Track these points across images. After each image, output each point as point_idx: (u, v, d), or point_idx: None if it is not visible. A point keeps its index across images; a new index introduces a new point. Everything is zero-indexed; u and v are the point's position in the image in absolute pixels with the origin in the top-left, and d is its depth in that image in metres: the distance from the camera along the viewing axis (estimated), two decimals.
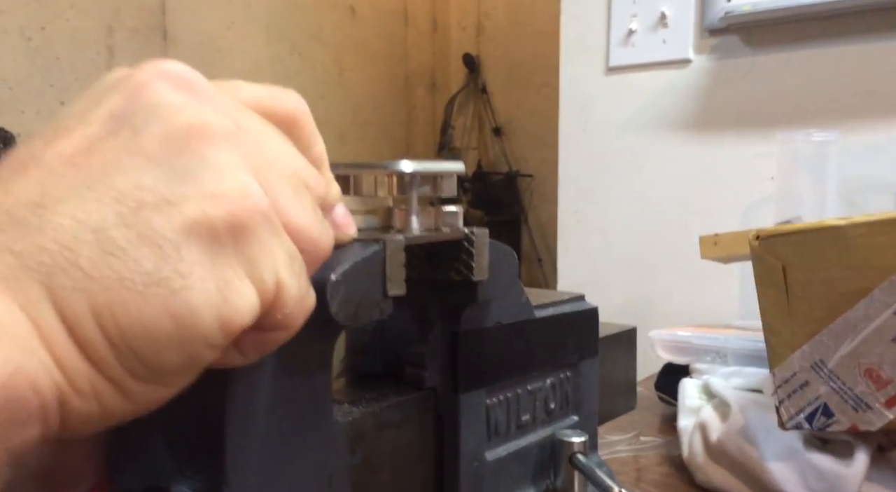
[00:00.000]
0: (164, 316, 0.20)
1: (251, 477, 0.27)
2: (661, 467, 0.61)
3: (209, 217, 0.20)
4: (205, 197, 0.20)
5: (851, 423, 0.44)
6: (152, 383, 0.21)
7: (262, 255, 0.21)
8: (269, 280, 0.22)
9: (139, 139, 0.21)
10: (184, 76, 0.22)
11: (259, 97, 0.25)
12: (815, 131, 0.91)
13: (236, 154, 0.22)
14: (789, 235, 0.43)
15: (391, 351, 0.38)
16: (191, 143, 0.21)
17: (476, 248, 0.33)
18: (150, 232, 0.20)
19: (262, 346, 0.24)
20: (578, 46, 1.23)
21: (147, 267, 0.19)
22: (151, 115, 0.21)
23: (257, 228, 0.21)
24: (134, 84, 0.22)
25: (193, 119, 0.21)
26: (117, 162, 0.20)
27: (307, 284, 0.24)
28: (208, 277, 0.20)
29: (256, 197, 0.21)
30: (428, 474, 0.36)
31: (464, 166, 0.33)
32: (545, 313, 0.41)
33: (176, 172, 0.21)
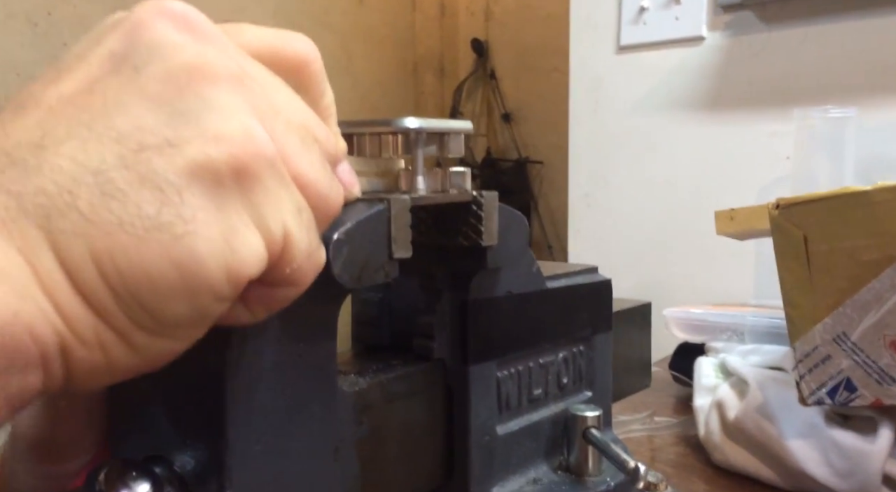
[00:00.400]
0: (167, 262, 0.19)
1: (254, 446, 0.26)
2: (676, 447, 0.59)
3: (212, 159, 0.19)
4: (207, 139, 0.20)
5: (875, 397, 0.43)
6: (160, 336, 0.20)
7: (269, 203, 0.20)
8: (277, 230, 0.21)
9: (140, 78, 0.20)
10: (186, 15, 0.21)
11: (266, 40, 0.24)
12: (833, 108, 0.88)
13: (240, 97, 0.21)
14: (811, 203, 0.42)
15: (398, 322, 0.37)
16: (193, 82, 0.20)
17: (485, 211, 0.32)
18: (151, 174, 0.19)
19: (271, 302, 0.23)
20: (589, 25, 1.21)
21: (148, 211, 0.19)
22: (152, 54, 0.20)
23: (263, 174, 0.20)
24: (134, 22, 0.21)
25: (195, 59, 0.20)
26: (118, 101, 0.20)
27: (317, 239, 0.23)
28: (213, 222, 0.19)
29: (262, 141, 0.20)
30: (437, 448, 0.35)
31: (471, 125, 0.32)
32: (557, 284, 0.40)
33: (178, 113, 0.20)
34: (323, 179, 0.23)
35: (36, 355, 0.18)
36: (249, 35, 0.24)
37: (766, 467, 0.51)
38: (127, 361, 0.20)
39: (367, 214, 0.27)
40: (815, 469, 0.47)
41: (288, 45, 0.24)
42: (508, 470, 0.37)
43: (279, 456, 0.27)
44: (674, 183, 1.14)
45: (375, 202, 0.28)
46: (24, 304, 0.18)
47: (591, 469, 0.39)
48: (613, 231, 1.22)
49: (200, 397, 0.26)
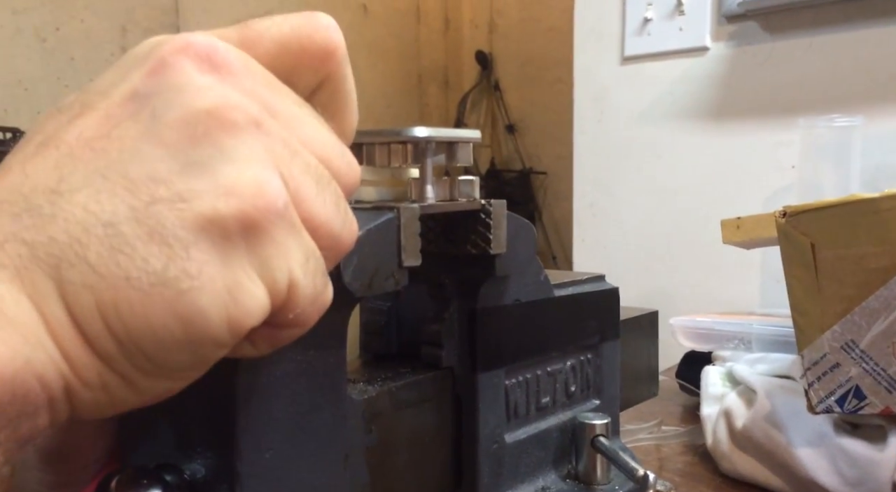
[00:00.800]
0: (171, 317, 0.19)
1: (264, 454, 0.26)
2: (684, 456, 0.59)
3: (221, 215, 0.20)
4: (218, 194, 0.20)
5: (885, 405, 0.43)
6: (161, 379, 0.21)
7: (276, 255, 0.21)
8: (282, 280, 0.21)
9: (158, 125, 0.20)
10: (211, 52, 0.21)
11: (288, 41, 0.24)
12: (838, 117, 0.89)
13: (258, 145, 0.21)
14: (818, 211, 0.42)
15: (407, 331, 0.37)
16: (210, 131, 0.20)
17: (493, 219, 0.32)
18: (160, 229, 0.19)
19: (275, 341, 0.23)
20: (593, 36, 1.22)
21: (155, 266, 0.19)
22: (173, 99, 0.20)
23: (271, 228, 0.20)
24: (158, 60, 0.21)
25: (216, 104, 0.20)
26: (134, 150, 0.20)
27: (323, 282, 0.23)
28: (218, 277, 0.20)
29: (273, 194, 0.20)
30: (446, 456, 0.35)
31: (479, 134, 0.32)
32: (565, 292, 0.40)
33: (192, 164, 0.20)
34: (335, 218, 0.23)
35: (44, 399, 0.19)
36: (269, 41, 0.23)
37: (775, 476, 0.50)
38: (128, 399, 0.21)
39: (377, 222, 0.28)
40: (824, 478, 0.47)
41: (308, 39, 0.24)
42: (517, 478, 0.37)
43: (289, 464, 0.27)
44: (678, 193, 1.14)
45: (385, 211, 0.28)
46: (35, 352, 0.19)
47: (599, 477, 0.39)
48: (618, 240, 1.22)
49: (211, 405, 0.26)
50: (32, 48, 1.62)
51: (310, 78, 0.24)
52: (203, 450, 0.26)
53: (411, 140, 0.30)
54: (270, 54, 0.23)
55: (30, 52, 1.61)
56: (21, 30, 1.60)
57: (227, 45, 0.22)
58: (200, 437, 0.26)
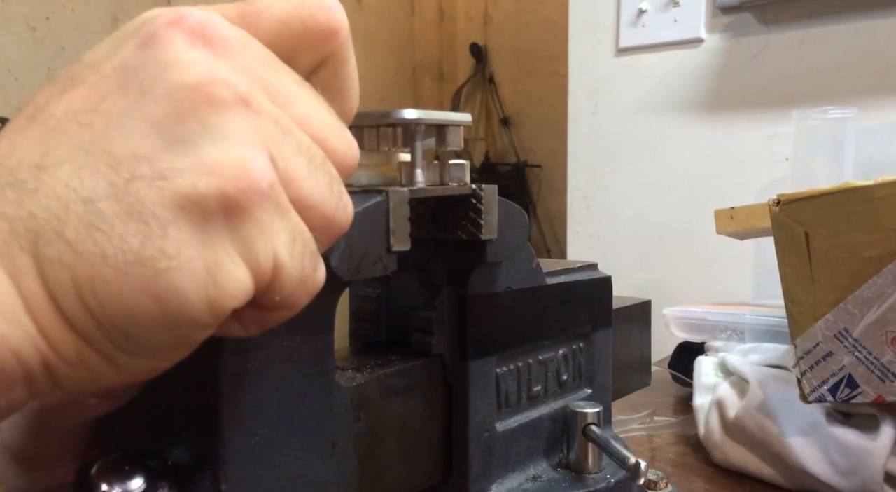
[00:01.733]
0: (147, 296, 0.19)
1: (249, 440, 0.25)
2: (676, 446, 0.59)
3: (201, 194, 0.19)
4: (199, 172, 0.19)
5: (877, 394, 0.43)
6: (143, 357, 0.20)
7: (259, 236, 0.20)
8: (265, 262, 0.20)
9: (144, 100, 0.20)
10: (204, 26, 0.21)
11: (290, 19, 0.23)
12: (832, 108, 0.88)
13: (245, 123, 0.20)
14: (812, 199, 0.42)
15: (397, 318, 0.37)
16: (197, 107, 0.20)
17: (485, 204, 0.32)
18: (138, 207, 0.19)
19: (263, 322, 0.23)
20: (587, 28, 1.21)
21: (132, 245, 0.19)
22: (161, 73, 0.20)
23: (254, 208, 0.20)
24: (148, 34, 0.20)
25: (203, 79, 0.20)
26: (119, 124, 0.19)
27: (313, 264, 0.22)
28: (196, 257, 0.19)
29: (257, 174, 0.20)
30: (436, 445, 0.35)
31: (470, 118, 0.31)
32: (557, 280, 0.40)
33: (176, 140, 0.19)
34: (329, 200, 0.22)
35: (20, 374, 0.19)
36: (270, 18, 0.23)
37: (767, 466, 0.50)
38: (110, 377, 0.21)
39: (365, 205, 0.27)
40: (816, 467, 0.47)
41: (311, 18, 0.23)
42: (508, 467, 0.37)
43: (275, 451, 0.26)
44: (673, 185, 1.14)
45: (373, 194, 0.28)
46: (11, 328, 0.18)
47: (590, 466, 0.39)
48: (612, 233, 1.21)
49: (195, 391, 0.25)
50: (22, 37, 1.60)
51: (311, 57, 0.24)
52: (187, 436, 0.25)
53: (401, 123, 0.30)
54: (271, 31, 0.23)
55: (20, 41, 1.60)
56: (11, 19, 1.59)
57: (223, 19, 0.21)
58: (184, 422, 0.26)
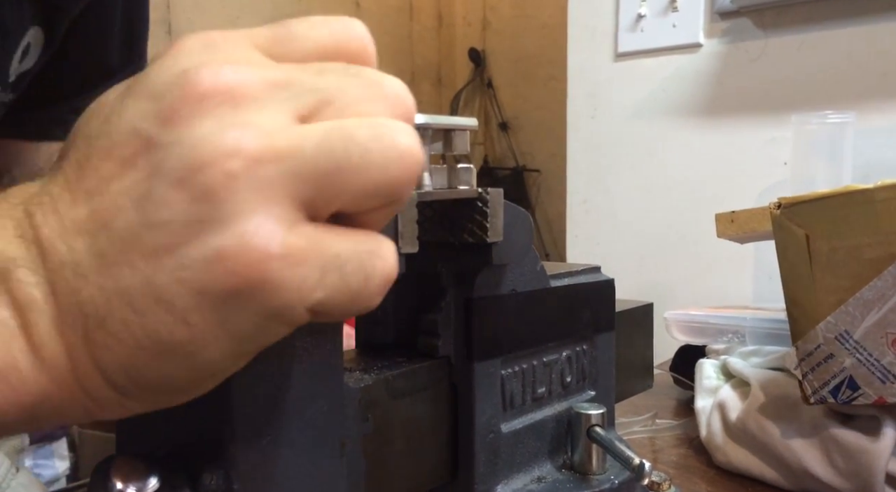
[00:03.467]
0: (181, 371, 0.21)
1: (261, 440, 0.26)
2: (678, 448, 0.59)
3: (214, 281, 0.20)
4: (211, 259, 0.20)
5: (878, 395, 0.43)
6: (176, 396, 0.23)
7: (282, 297, 0.20)
8: (298, 315, 0.21)
9: (164, 185, 0.20)
10: (225, 91, 0.20)
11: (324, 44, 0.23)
12: (831, 113, 0.89)
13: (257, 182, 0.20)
14: (813, 202, 0.42)
15: (403, 320, 0.37)
16: (208, 189, 0.20)
17: (490, 207, 0.32)
18: (165, 297, 0.20)
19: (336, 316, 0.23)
20: (586, 32, 1.22)
21: (162, 335, 0.20)
22: (179, 154, 0.20)
23: (268, 276, 0.20)
24: (171, 108, 0.20)
25: (213, 155, 0.20)
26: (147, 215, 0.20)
27: (360, 278, 0.22)
28: (222, 335, 0.21)
29: (261, 246, 0.20)
30: (442, 445, 0.35)
31: (476, 122, 0.32)
32: (561, 283, 0.40)
33: (193, 227, 0.20)
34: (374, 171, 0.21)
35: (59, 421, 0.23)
36: (298, 42, 0.23)
37: (769, 468, 0.51)
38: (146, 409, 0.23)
39: None
40: (818, 469, 0.47)
41: (343, 47, 0.24)
42: (513, 468, 0.37)
43: (286, 451, 0.27)
44: (672, 189, 1.14)
45: None
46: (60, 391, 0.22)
47: (595, 467, 0.39)
48: (612, 237, 1.22)
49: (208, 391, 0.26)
50: None
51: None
52: (200, 436, 0.26)
53: None
54: (305, 54, 0.23)
55: None
56: None
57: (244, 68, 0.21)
58: (196, 422, 0.26)
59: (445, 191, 0.31)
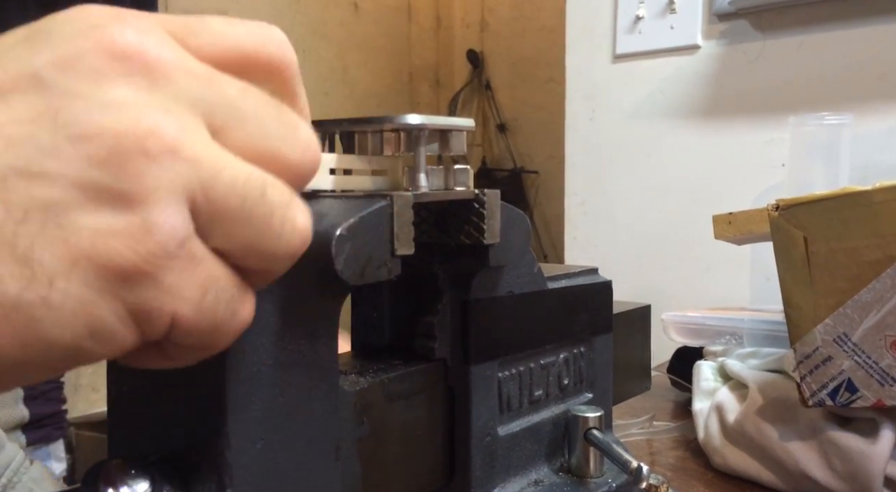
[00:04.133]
0: (13, 339, 0.18)
1: (255, 444, 0.25)
2: (675, 450, 0.59)
3: (98, 255, 0.18)
4: (100, 232, 0.18)
5: (877, 398, 0.43)
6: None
7: (157, 297, 0.19)
8: (159, 320, 0.19)
9: (59, 136, 0.18)
10: (131, 49, 0.19)
11: (237, 44, 0.22)
12: (828, 115, 0.89)
13: (168, 174, 0.19)
14: (811, 204, 0.42)
15: (399, 322, 0.37)
16: (115, 158, 0.18)
17: (487, 209, 0.32)
18: (25, 250, 0.17)
19: (187, 358, 0.22)
20: (585, 34, 1.22)
21: (9, 288, 0.17)
22: (84, 109, 0.18)
23: (156, 272, 0.19)
24: (75, 52, 0.18)
25: (131, 129, 0.18)
26: (23, 154, 0.18)
27: (230, 311, 0.21)
28: (80, 311, 0.18)
29: (164, 237, 0.18)
30: (438, 449, 0.35)
31: (473, 123, 0.32)
32: (558, 285, 0.40)
33: (86, 191, 0.18)
34: (266, 234, 0.21)
35: None
36: (215, 36, 0.21)
37: (767, 470, 0.50)
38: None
39: (370, 209, 0.27)
40: (816, 471, 0.47)
41: (262, 49, 0.22)
42: (509, 471, 0.37)
43: (280, 454, 0.26)
44: (669, 190, 1.14)
45: (378, 198, 0.28)
46: None
47: (592, 470, 0.39)
48: (610, 238, 1.22)
49: (201, 395, 0.25)
50: None
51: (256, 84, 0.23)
52: (192, 439, 0.25)
53: (404, 128, 0.30)
54: (219, 49, 0.22)
55: None
56: None
57: (161, 36, 0.20)
58: (190, 427, 0.26)
59: (441, 192, 0.31)
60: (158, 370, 0.23)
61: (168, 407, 0.26)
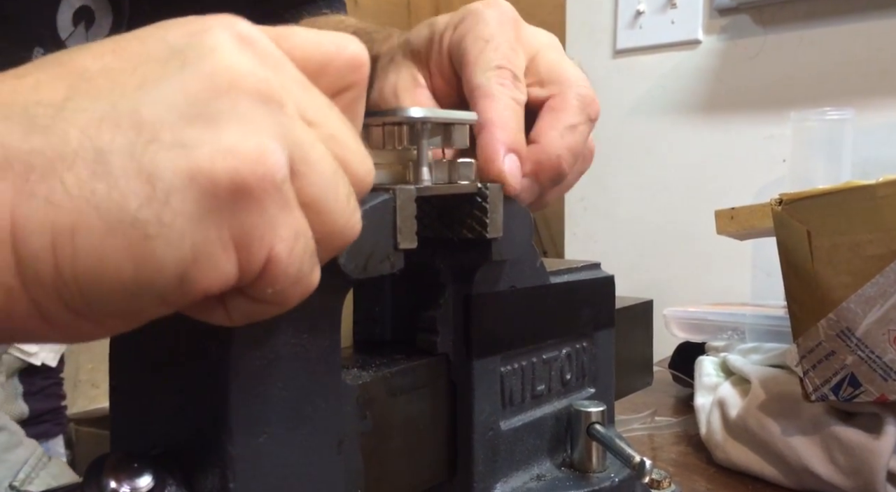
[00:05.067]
0: (126, 258, 0.18)
1: (257, 438, 0.25)
2: (677, 446, 0.59)
3: (216, 170, 0.19)
4: (219, 149, 0.19)
5: (880, 393, 0.43)
6: (85, 320, 0.20)
7: (259, 225, 0.20)
8: (259, 252, 0.20)
9: (183, 74, 0.20)
10: (251, 36, 0.22)
11: (321, 47, 0.24)
12: (830, 110, 0.89)
13: (274, 118, 0.21)
14: (815, 198, 0.42)
15: (401, 317, 0.37)
16: (232, 92, 0.20)
17: (490, 203, 0.32)
18: (150, 168, 0.18)
19: (250, 314, 0.22)
20: (585, 30, 1.22)
21: (130, 204, 0.18)
22: (205, 57, 0.20)
23: (263, 197, 0.20)
24: (201, 26, 0.21)
25: (246, 71, 0.21)
26: (152, 89, 0.20)
27: (311, 266, 0.22)
28: (189, 232, 0.19)
29: (274, 165, 0.20)
30: (441, 443, 0.35)
31: (477, 116, 0.31)
32: (560, 280, 0.40)
33: (204, 117, 0.20)
34: (342, 211, 0.23)
35: None
36: (303, 40, 0.24)
37: (769, 465, 0.50)
38: (35, 331, 0.20)
39: (373, 203, 0.27)
40: (818, 467, 0.47)
41: (343, 49, 0.25)
42: (512, 466, 0.37)
43: (283, 448, 0.26)
44: (670, 186, 1.14)
45: (381, 192, 0.28)
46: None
47: (594, 465, 0.39)
48: (610, 234, 1.22)
49: (204, 388, 0.25)
50: None
51: (333, 82, 0.25)
52: (195, 433, 0.25)
53: (407, 121, 0.30)
54: (303, 50, 0.24)
55: None
56: None
57: (267, 37, 0.22)
58: (192, 420, 0.26)
59: (444, 186, 0.31)
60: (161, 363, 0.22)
61: (171, 401, 0.26)
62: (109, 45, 0.21)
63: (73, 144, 0.18)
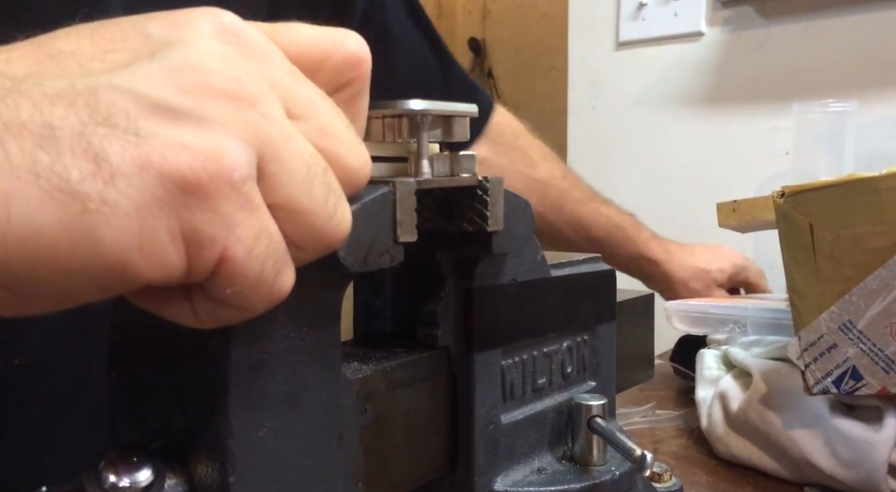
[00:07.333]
0: (62, 229, 0.18)
1: (257, 431, 0.25)
2: (678, 439, 0.59)
3: (164, 163, 0.19)
4: (173, 143, 0.19)
5: (881, 386, 0.43)
6: (10, 294, 0.19)
7: (213, 223, 0.20)
8: (210, 251, 0.20)
9: (151, 65, 0.20)
10: (239, 28, 0.22)
11: (320, 41, 0.24)
12: (833, 102, 0.88)
13: (242, 118, 0.20)
14: (817, 190, 0.41)
15: (402, 310, 0.37)
16: (196, 89, 0.20)
17: (491, 196, 0.32)
18: (97, 149, 0.18)
19: (217, 316, 0.22)
20: (587, 21, 1.21)
21: (71, 175, 0.18)
22: (178, 49, 0.20)
23: (216, 195, 0.19)
24: (182, 18, 0.21)
25: (218, 69, 0.20)
26: (117, 75, 0.19)
27: (276, 270, 0.21)
28: (133, 217, 0.18)
29: (230, 163, 0.19)
30: (442, 437, 0.35)
31: (477, 109, 0.31)
32: (561, 273, 0.40)
33: (163, 110, 0.19)
34: (320, 212, 0.22)
35: None
36: (301, 35, 0.24)
37: (770, 458, 0.50)
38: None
39: (372, 196, 0.27)
40: (820, 459, 0.47)
41: (342, 45, 0.25)
42: (513, 459, 0.37)
43: (283, 442, 0.26)
44: (673, 178, 1.14)
45: (381, 185, 0.27)
46: None
47: (595, 458, 0.39)
48: None
49: (203, 382, 0.25)
50: None
51: (332, 77, 0.25)
52: (195, 427, 0.25)
53: (407, 113, 0.29)
54: (299, 45, 0.24)
55: None
56: None
57: (256, 29, 0.22)
58: (192, 414, 0.26)
59: (444, 178, 0.30)
60: (161, 356, 0.22)
61: (170, 395, 0.26)
62: (90, 29, 0.21)
63: (24, 115, 0.18)
